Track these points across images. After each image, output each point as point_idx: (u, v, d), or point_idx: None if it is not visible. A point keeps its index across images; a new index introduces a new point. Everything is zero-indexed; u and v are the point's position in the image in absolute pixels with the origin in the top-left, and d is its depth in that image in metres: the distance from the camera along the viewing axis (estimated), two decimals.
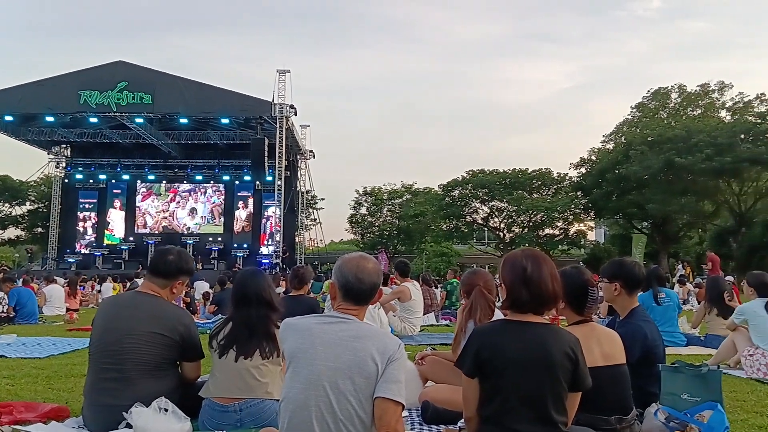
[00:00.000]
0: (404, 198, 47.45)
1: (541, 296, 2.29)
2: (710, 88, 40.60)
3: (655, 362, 3.42)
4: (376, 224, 47.89)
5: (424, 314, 10.12)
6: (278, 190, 29.78)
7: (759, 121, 34.47)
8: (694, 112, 41.33)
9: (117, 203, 35.98)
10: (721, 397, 3.63)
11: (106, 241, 35.13)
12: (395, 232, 46.87)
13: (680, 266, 21.82)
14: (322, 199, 48.33)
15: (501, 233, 43.49)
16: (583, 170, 41.90)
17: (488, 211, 43.56)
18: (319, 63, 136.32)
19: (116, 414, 3.06)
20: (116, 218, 35.88)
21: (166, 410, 3.04)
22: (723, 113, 39.86)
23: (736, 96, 39.14)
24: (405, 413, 3.86)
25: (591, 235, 49.36)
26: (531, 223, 41.48)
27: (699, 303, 11.36)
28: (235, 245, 33.83)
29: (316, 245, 42.59)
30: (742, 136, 32.94)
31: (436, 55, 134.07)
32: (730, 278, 15.88)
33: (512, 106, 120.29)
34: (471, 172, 42.88)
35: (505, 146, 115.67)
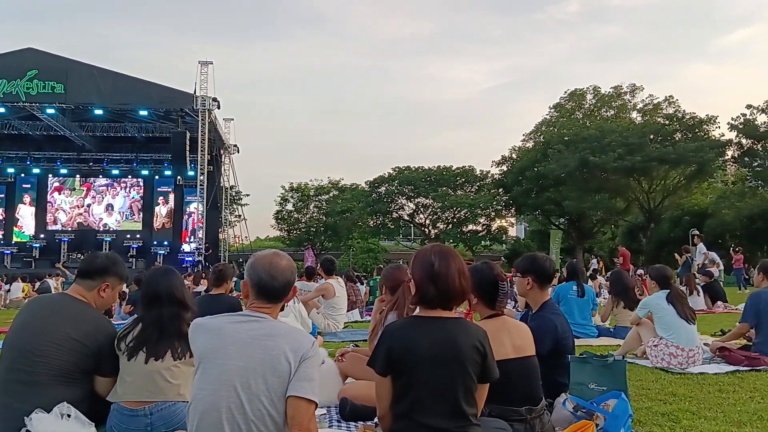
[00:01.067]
0: (331, 194, 47.29)
1: (448, 292, 2.32)
2: (623, 90, 42.69)
3: (565, 354, 3.56)
4: (303, 221, 47.48)
5: (348, 311, 10.13)
6: (200, 185, 29.05)
7: (667, 122, 36.60)
8: (608, 113, 43.33)
9: (27, 198, 34.06)
10: (626, 386, 3.82)
11: (14, 239, 33.26)
12: (322, 229, 46.65)
13: (594, 260, 22.88)
14: (247, 195, 47.55)
15: (426, 229, 44.15)
16: (504, 168, 43.12)
17: (414, 208, 44.19)
18: (244, 55, 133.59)
19: (17, 419, 2.88)
20: (26, 214, 33.97)
21: (68, 416, 2.89)
22: (634, 114, 42.00)
23: (646, 98, 41.39)
24: (323, 410, 3.83)
25: (512, 231, 50.91)
26: (455, 219, 42.34)
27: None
28: (155, 242, 32.75)
29: (240, 242, 41.83)
30: (652, 136, 34.88)
31: (362, 51, 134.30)
32: (641, 272, 16.76)
33: (437, 104, 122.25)
34: (397, 169, 43.31)
35: (430, 143, 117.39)
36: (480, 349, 2.30)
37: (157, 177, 34.09)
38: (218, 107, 28.82)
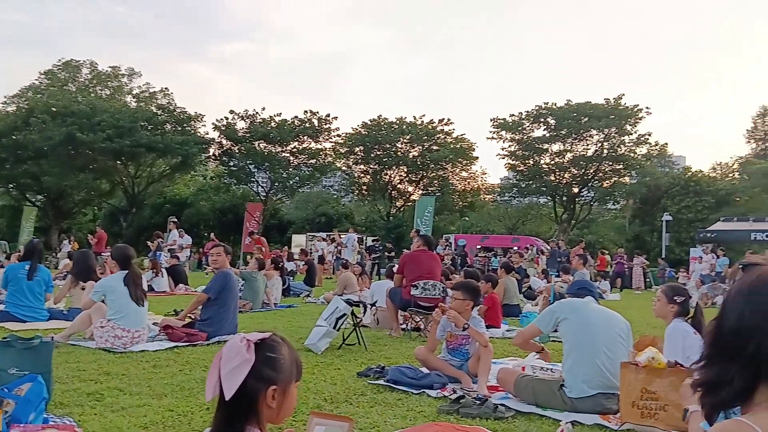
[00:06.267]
0: None
1: None
2: (121, 72, 41.95)
3: None
4: None
5: None
6: None
7: (160, 112, 37.57)
8: (104, 92, 41.88)
9: None
10: (50, 369, 3.66)
11: None
12: None
13: (67, 241, 21.64)
14: None
15: None
16: None
17: None
18: None
19: None
20: None
21: None
22: (129, 98, 41.76)
23: (143, 85, 41.66)
24: None
25: None
26: None
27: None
28: None
29: None
30: (143, 123, 35.23)
31: None
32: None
33: None
34: None
35: None
36: None
37: None
38: None
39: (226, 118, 37.42)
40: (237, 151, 37.94)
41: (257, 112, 37.41)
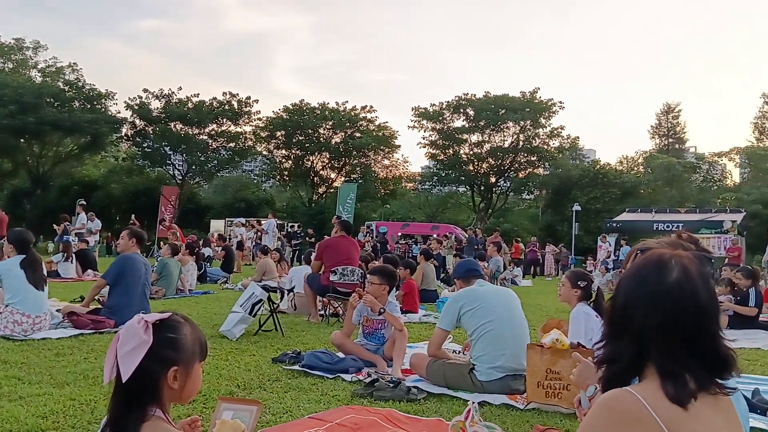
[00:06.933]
0: None
1: None
2: (25, 45, 39.30)
3: None
4: None
5: None
6: None
7: (67, 88, 35.49)
8: (6, 66, 39.11)
9: None
10: None
11: None
12: None
13: None
14: None
15: None
16: None
17: None
18: None
19: None
20: None
21: None
22: (34, 73, 39.21)
23: (50, 59, 39.19)
24: None
25: None
26: None
27: None
28: None
29: None
30: (49, 99, 33.21)
31: None
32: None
33: None
34: None
35: None
36: None
37: None
38: None
39: (140, 97, 35.93)
40: (151, 131, 36.54)
41: (173, 92, 36.16)
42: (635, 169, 43.92)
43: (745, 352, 6.19)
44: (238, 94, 36.92)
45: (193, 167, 37.80)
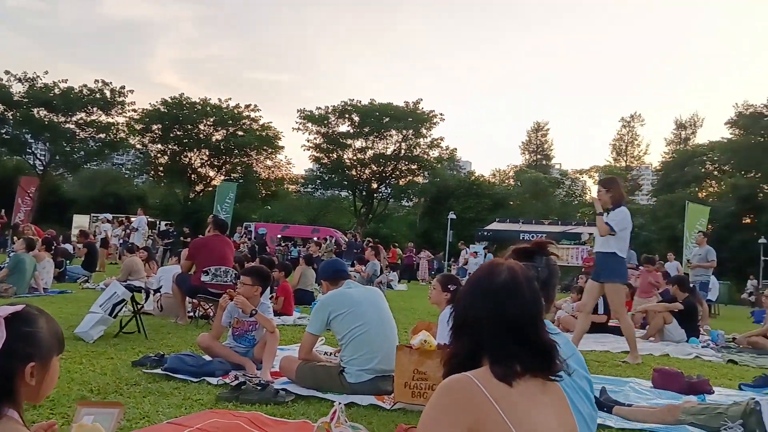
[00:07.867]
0: None
1: None
2: None
3: None
4: None
5: None
6: None
7: None
8: None
9: None
10: None
11: None
12: None
13: None
14: None
15: None
16: None
17: None
18: None
19: None
20: None
21: None
22: None
23: None
24: None
25: None
26: None
27: None
28: None
29: None
30: None
31: None
32: None
33: None
34: None
35: None
36: None
37: None
38: None
39: (0, 80, 32.89)
40: (11, 117, 33.55)
41: (38, 76, 33.44)
42: (506, 181, 46.51)
43: (595, 354, 6.70)
44: (111, 83, 34.82)
45: (57, 157, 35.13)
